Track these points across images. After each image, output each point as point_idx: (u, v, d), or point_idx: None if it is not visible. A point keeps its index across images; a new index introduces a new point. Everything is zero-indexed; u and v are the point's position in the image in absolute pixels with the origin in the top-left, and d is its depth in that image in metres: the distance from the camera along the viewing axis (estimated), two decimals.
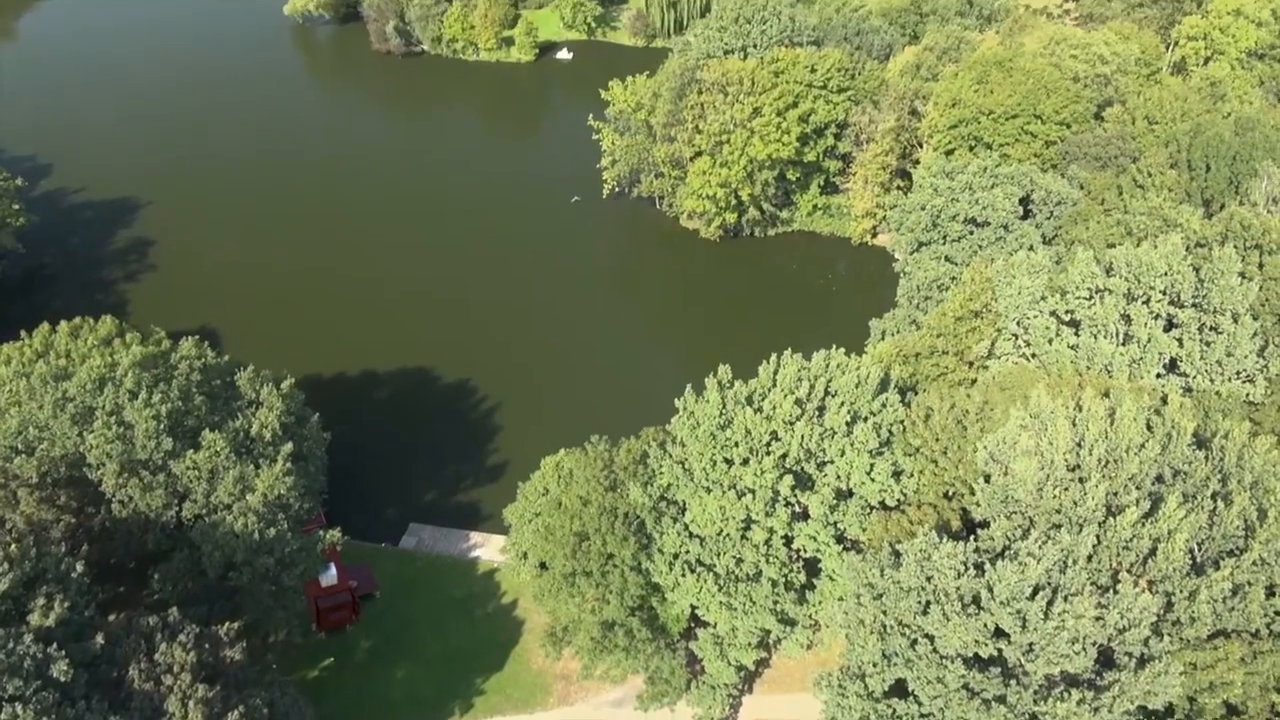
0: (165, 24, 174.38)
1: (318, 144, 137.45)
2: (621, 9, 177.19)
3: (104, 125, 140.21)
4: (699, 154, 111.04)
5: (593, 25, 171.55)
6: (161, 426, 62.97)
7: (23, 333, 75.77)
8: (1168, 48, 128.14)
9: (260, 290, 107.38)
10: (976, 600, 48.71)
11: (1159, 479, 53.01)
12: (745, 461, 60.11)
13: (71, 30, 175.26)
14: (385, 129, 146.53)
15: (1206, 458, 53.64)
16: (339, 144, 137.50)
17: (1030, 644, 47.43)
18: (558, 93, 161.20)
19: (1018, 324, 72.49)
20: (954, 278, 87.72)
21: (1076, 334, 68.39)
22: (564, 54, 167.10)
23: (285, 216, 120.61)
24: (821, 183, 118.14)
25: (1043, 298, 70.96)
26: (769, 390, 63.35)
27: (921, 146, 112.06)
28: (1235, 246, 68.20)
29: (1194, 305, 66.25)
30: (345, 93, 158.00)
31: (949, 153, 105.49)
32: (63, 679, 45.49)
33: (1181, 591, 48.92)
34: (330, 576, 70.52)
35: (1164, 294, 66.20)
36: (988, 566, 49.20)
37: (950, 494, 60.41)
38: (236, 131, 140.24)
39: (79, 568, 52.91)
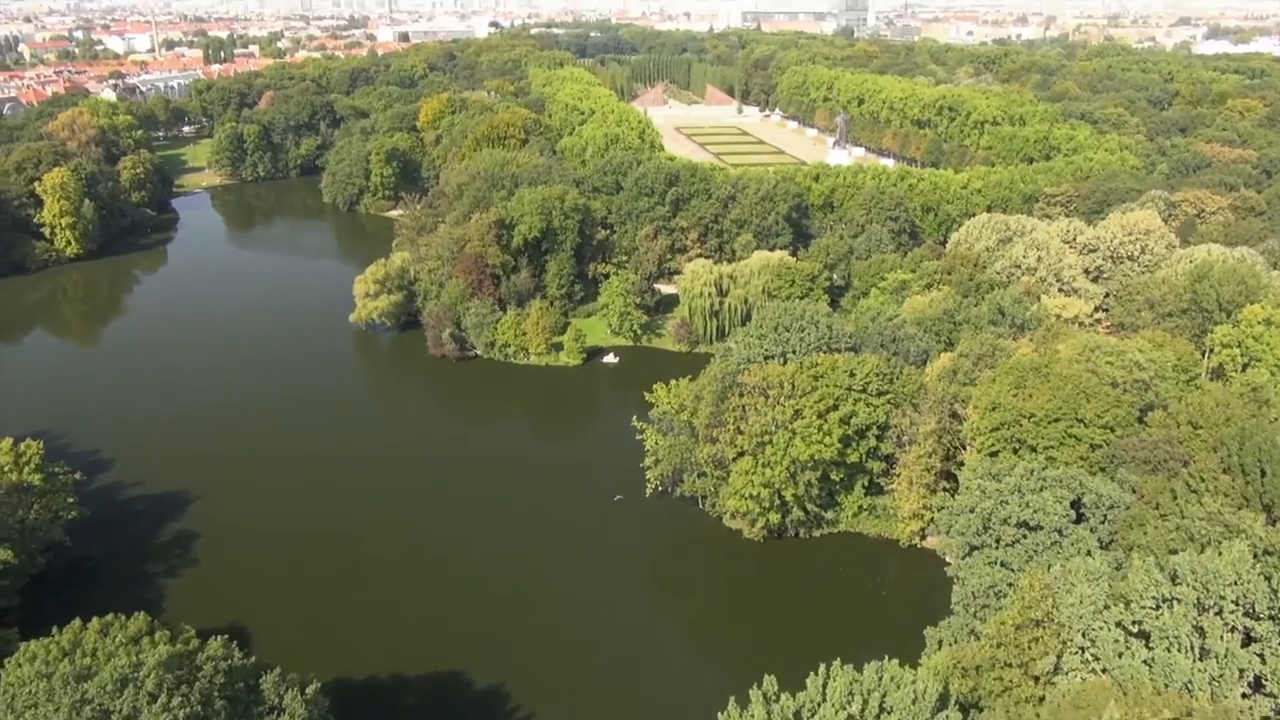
0: (235, 329, 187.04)
1: (370, 439, 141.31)
2: (666, 317, 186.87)
3: (167, 421, 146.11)
4: (741, 454, 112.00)
5: (638, 332, 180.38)
6: None
7: (54, 629, 74.84)
8: (1203, 354, 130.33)
9: (298, 585, 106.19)
10: None
11: None
12: None
13: (148, 336, 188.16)
14: (436, 426, 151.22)
15: None
16: (390, 440, 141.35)
17: None
18: (603, 395, 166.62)
19: (1084, 635, 68.42)
20: (1010, 584, 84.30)
21: (1148, 646, 64.19)
22: (610, 358, 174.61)
23: (330, 512, 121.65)
24: (866, 483, 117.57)
25: (1106, 607, 67.47)
26: (819, 705, 59.17)
27: (965, 448, 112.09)
28: None
29: (1271, 618, 62.34)
30: (400, 392, 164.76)
31: (993, 454, 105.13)
32: None
33: None
34: None
35: (1236, 604, 62.59)
36: None
37: None
38: (293, 427, 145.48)
39: None
